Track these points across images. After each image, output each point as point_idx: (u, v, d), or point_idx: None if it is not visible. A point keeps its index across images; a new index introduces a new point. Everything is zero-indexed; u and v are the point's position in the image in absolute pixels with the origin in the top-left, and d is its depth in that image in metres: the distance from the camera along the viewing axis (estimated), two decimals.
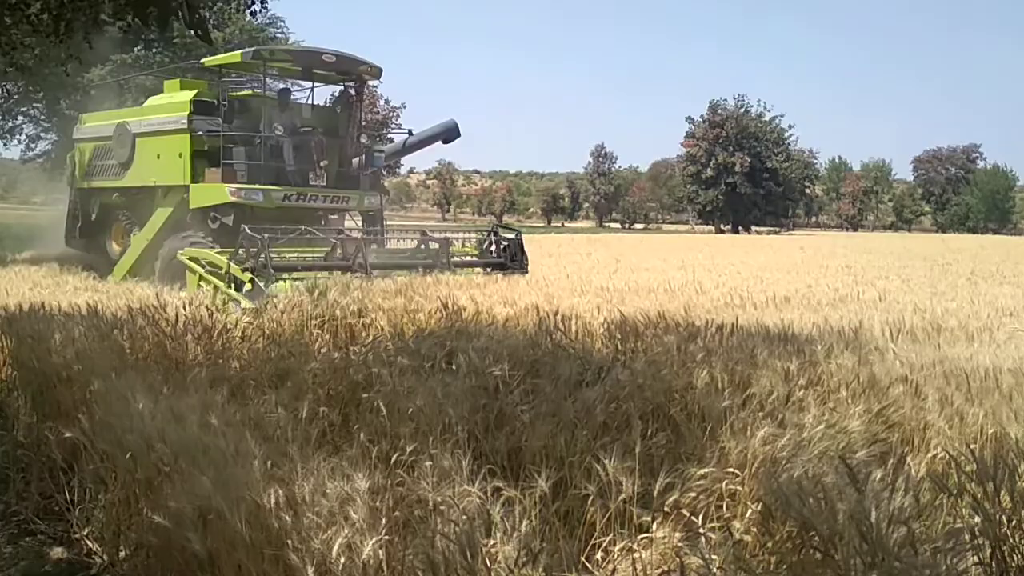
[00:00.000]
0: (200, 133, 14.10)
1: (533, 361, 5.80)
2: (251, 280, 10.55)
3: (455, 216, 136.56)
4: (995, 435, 4.49)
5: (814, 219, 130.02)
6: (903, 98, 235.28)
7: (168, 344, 6.31)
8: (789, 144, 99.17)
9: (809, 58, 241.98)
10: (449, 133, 16.80)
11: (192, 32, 4.39)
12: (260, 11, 11.06)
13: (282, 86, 15.63)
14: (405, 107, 64.75)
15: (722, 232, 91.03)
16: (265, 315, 7.61)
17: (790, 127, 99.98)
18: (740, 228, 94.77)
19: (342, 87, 15.27)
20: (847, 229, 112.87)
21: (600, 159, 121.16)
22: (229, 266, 11.00)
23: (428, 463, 3.60)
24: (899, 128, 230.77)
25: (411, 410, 4.60)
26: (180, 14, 4.18)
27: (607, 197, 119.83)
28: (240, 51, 14.48)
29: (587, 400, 4.88)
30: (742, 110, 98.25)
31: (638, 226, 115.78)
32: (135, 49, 35.48)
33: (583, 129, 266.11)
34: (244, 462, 3.68)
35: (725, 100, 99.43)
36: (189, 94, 14.53)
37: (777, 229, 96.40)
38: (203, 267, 11.48)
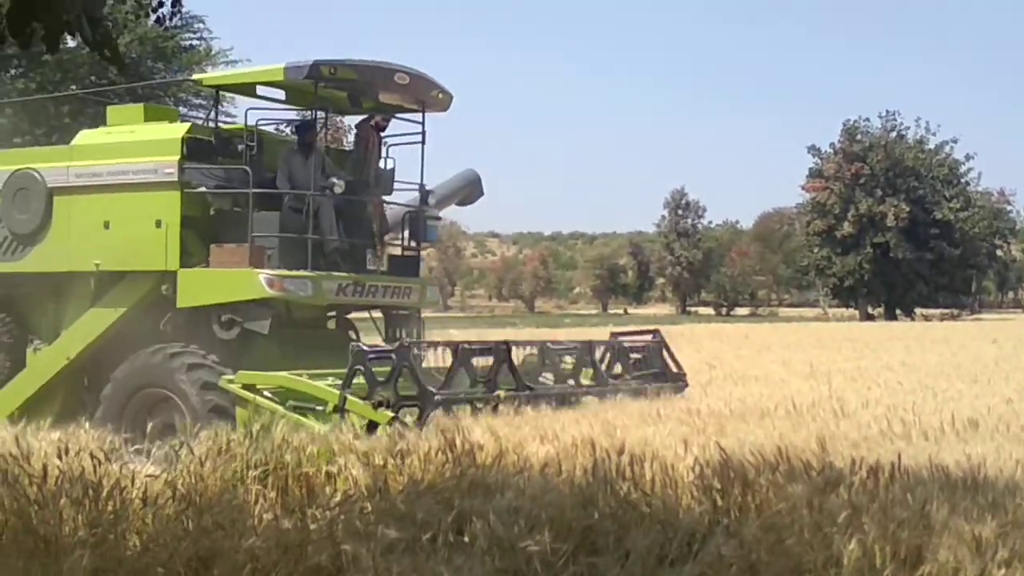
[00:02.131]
0: (202, 190, 13.70)
1: (587, 528, 5.79)
2: (392, 422, 10.47)
3: (462, 300, 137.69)
4: None
5: (1011, 296, 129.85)
6: None
7: (34, 513, 6.33)
8: (968, 184, 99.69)
9: (983, 59, 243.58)
10: (470, 190, 16.69)
11: (95, 52, 4.57)
12: (171, 15, 10.73)
13: (301, 118, 15.19)
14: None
15: (871, 318, 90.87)
16: (179, 466, 7.66)
17: (968, 158, 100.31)
18: (898, 312, 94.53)
19: (366, 118, 15.04)
20: None
21: (680, 212, 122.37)
22: (344, 400, 11.12)
23: None
24: None
25: None
26: (80, 31, 4.35)
27: (692, 268, 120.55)
28: (284, 65, 13.88)
29: None
30: (893, 134, 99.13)
31: (741, 311, 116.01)
32: None
33: (653, 169, 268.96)
34: None
35: (867, 121, 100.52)
36: (178, 129, 14.12)
37: (955, 312, 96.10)
38: (280, 403, 11.54)
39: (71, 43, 4.74)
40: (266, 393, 11.86)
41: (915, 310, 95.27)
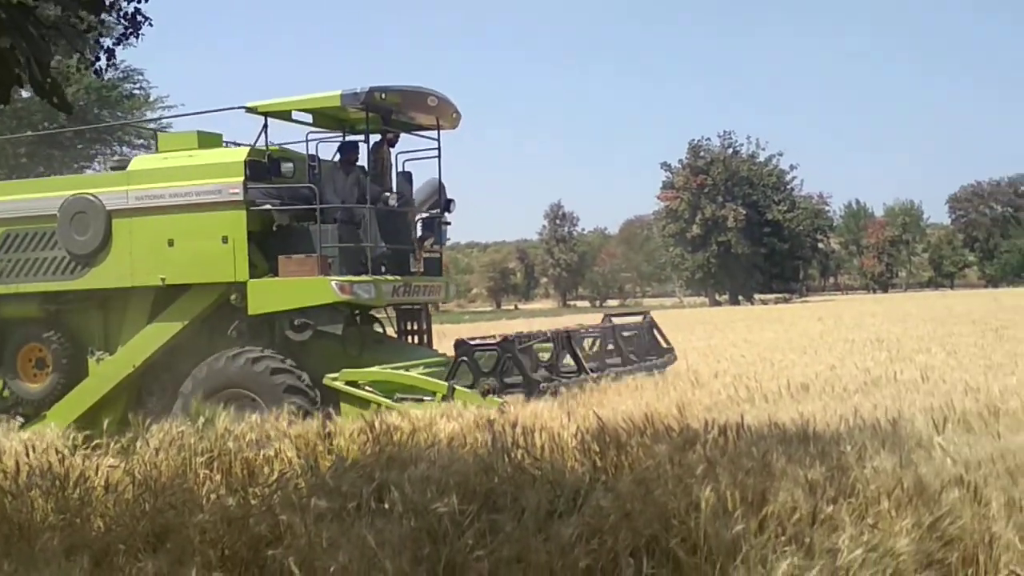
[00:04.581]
0: (267, 207, 13.05)
1: (488, 490, 5.78)
2: (501, 407, 10.11)
3: None
4: None
5: (832, 280, 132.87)
6: (929, 123, 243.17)
7: (8, 503, 6.16)
8: (792, 189, 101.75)
9: (803, 85, 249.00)
10: (437, 196, 16.03)
11: (44, 99, 4.45)
12: (106, 68, 10.31)
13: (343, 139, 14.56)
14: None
15: (718, 304, 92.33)
16: (135, 456, 7.51)
17: (792, 168, 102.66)
18: (740, 298, 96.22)
19: (381, 138, 14.45)
20: (874, 290, 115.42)
21: (558, 222, 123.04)
22: (451, 390, 10.80)
23: None
24: (928, 161, 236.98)
25: (333, 568, 4.54)
26: (31, 81, 4.23)
27: (570, 268, 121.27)
28: (340, 92, 13.01)
29: (561, 537, 4.87)
30: (730, 151, 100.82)
31: (612, 302, 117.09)
32: None
33: (534, 186, 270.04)
34: None
35: (708, 140, 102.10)
36: (240, 153, 13.37)
37: (787, 296, 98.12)
38: (387, 397, 11.21)
39: (24, 94, 4.58)
40: (367, 388, 11.55)
41: (754, 296, 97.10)
